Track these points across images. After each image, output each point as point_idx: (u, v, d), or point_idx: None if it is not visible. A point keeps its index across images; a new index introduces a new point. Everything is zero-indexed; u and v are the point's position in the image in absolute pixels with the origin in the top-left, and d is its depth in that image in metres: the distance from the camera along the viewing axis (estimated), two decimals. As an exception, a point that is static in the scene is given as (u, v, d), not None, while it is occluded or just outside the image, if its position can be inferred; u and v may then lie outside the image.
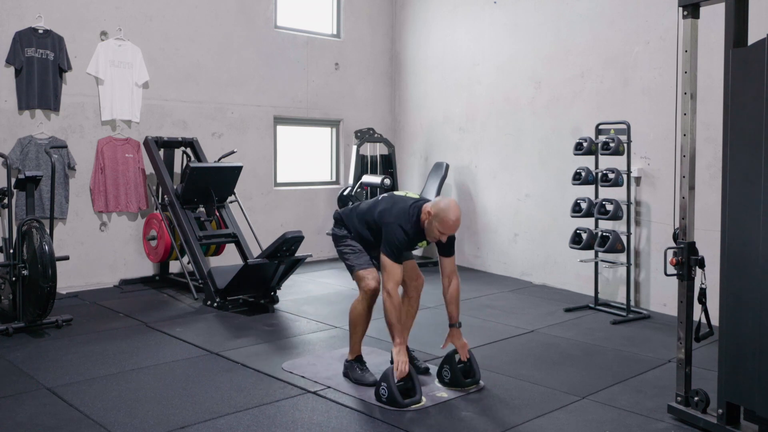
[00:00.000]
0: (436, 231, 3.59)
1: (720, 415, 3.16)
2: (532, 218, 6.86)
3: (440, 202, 3.59)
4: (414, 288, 4.02)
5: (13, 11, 5.85)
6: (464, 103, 7.62)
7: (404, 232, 3.62)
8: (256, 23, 7.34)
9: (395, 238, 3.61)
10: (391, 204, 3.74)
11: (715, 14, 3.52)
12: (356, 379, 3.83)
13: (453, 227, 3.60)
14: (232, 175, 6.30)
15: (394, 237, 3.61)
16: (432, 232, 3.61)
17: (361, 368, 3.87)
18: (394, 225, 3.62)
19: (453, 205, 3.58)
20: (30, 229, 4.73)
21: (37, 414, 3.38)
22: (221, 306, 5.54)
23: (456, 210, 3.57)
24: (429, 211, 3.59)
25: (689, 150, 3.37)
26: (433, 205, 3.60)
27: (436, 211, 3.56)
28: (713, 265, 3.37)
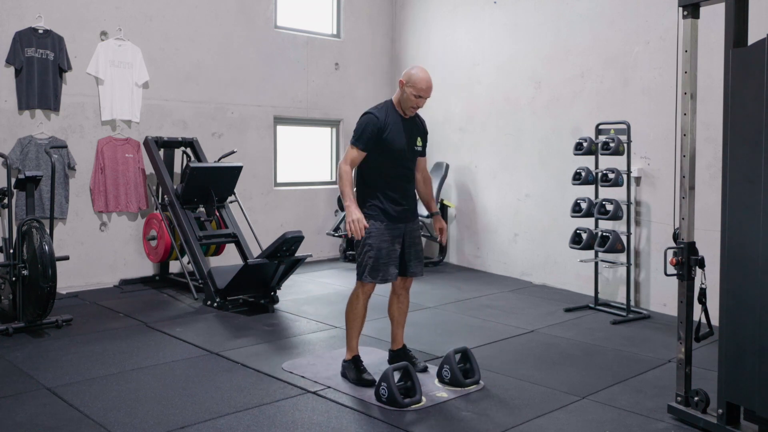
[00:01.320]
0: (412, 97, 3.73)
1: (720, 415, 3.16)
2: (532, 218, 6.86)
3: (409, 70, 3.76)
4: (402, 286, 4.02)
5: (13, 11, 5.85)
6: (464, 103, 7.62)
7: (373, 115, 3.75)
8: (256, 23, 7.34)
9: (361, 123, 3.76)
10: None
11: (715, 14, 3.52)
12: (354, 379, 3.83)
13: (427, 88, 3.73)
14: (232, 175, 6.30)
15: (360, 121, 3.78)
16: (408, 101, 3.75)
17: (359, 368, 3.87)
18: (364, 114, 3.79)
19: (421, 68, 3.76)
20: (30, 229, 4.73)
21: (37, 414, 3.38)
22: (221, 306, 5.54)
23: (425, 71, 3.74)
24: (401, 81, 3.75)
25: (689, 150, 3.37)
26: (404, 74, 3.76)
27: (407, 77, 3.72)
28: (713, 265, 3.37)
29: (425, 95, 3.75)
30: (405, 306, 4.07)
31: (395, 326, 4.05)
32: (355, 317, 3.86)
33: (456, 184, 7.74)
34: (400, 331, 4.07)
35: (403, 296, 4.05)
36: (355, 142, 3.75)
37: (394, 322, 4.05)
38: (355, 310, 3.85)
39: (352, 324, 3.88)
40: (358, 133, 3.75)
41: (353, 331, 3.88)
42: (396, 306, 4.04)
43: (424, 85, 3.71)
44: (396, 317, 4.05)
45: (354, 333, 3.89)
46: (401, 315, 4.06)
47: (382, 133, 3.73)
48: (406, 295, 4.06)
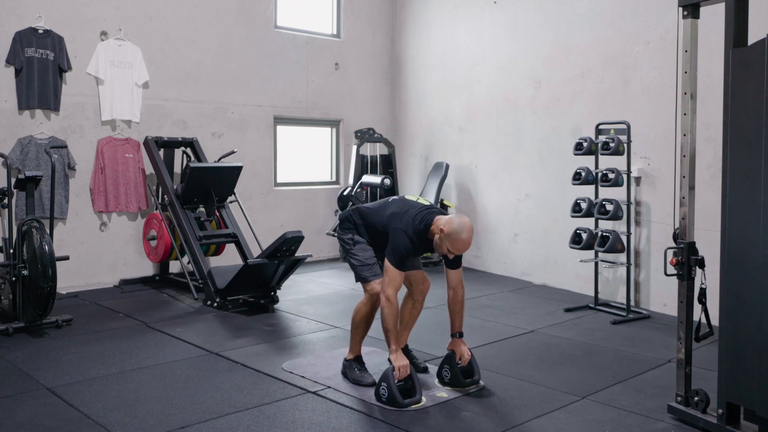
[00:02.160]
0: (446, 248, 3.56)
1: (720, 415, 3.16)
2: (532, 218, 6.86)
3: (454, 222, 3.53)
4: (420, 291, 4.01)
5: (13, 11, 5.85)
6: (464, 103, 7.62)
7: (410, 240, 3.60)
8: (256, 23, 7.34)
9: (401, 245, 3.59)
10: (402, 209, 3.70)
11: (715, 14, 3.52)
12: (354, 379, 3.83)
13: (464, 249, 3.58)
14: (232, 175, 6.30)
15: (399, 244, 3.59)
16: (441, 248, 3.58)
17: (359, 368, 3.88)
18: (401, 232, 3.60)
19: (467, 227, 3.52)
20: (30, 229, 4.73)
21: (37, 414, 3.38)
22: (221, 306, 5.54)
23: (469, 232, 3.52)
24: (442, 229, 3.53)
25: (689, 150, 3.37)
26: (447, 223, 3.54)
27: (449, 230, 3.50)
28: (713, 265, 3.37)
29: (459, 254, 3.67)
30: (417, 311, 4.06)
31: (403, 328, 4.03)
32: (360, 320, 3.86)
33: (456, 184, 7.74)
34: (406, 333, 4.06)
35: (418, 302, 4.03)
36: (398, 266, 3.60)
37: (403, 323, 4.02)
38: (360, 312, 3.86)
39: (356, 326, 3.89)
40: (400, 258, 3.60)
41: (357, 333, 3.90)
42: (409, 310, 4.02)
43: (461, 246, 3.54)
44: (406, 320, 4.03)
45: (358, 338, 3.90)
46: (412, 319, 4.06)
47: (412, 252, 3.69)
48: (422, 302, 4.05)
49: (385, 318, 3.60)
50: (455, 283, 3.83)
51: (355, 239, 3.87)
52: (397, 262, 3.59)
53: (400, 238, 3.60)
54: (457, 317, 3.86)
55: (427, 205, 3.74)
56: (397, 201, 3.81)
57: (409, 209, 3.68)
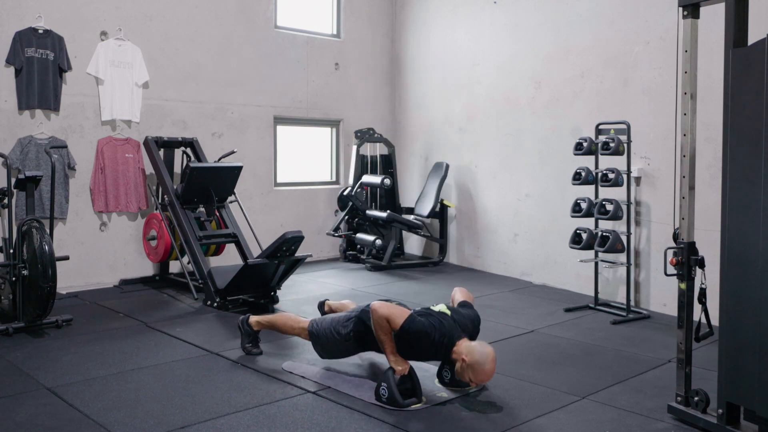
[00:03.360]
0: (467, 377, 3.51)
1: (720, 415, 3.16)
2: (532, 218, 6.86)
3: (476, 352, 3.48)
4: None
5: (13, 11, 5.85)
6: (464, 103, 7.62)
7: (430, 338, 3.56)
8: (256, 23, 7.34)
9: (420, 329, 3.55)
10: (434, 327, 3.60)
11: (715, 14, 3.52)
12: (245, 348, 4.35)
13: (487, 379, 3.56)
14: (232, 175, 6.30)
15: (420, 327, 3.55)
16: (463, 376, 3.53)
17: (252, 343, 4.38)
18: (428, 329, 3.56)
19: (490, 358, 3.47)
20: (30, 229, 4.73)
21: (37, 414, 3.38)
22: (221, 306, 5.54)
23: (492, 363, 3.48)
24: (464, 358, 3.49)
25: (689, 150, 3.37)
26: (469, 352, 3.48)
27: (472, 361, 3.46)
28: (713, 265, 3.37)
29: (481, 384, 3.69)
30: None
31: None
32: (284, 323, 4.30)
33: (456, 184, 7.74)
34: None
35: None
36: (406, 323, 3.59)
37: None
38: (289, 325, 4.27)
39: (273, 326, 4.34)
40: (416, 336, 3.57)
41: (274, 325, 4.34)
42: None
43: (484, 379, 3.53)
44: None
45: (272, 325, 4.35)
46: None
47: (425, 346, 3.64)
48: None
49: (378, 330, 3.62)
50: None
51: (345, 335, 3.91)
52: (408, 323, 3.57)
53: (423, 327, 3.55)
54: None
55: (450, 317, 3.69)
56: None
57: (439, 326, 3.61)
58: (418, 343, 3.56)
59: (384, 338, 3.62)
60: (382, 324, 3.59)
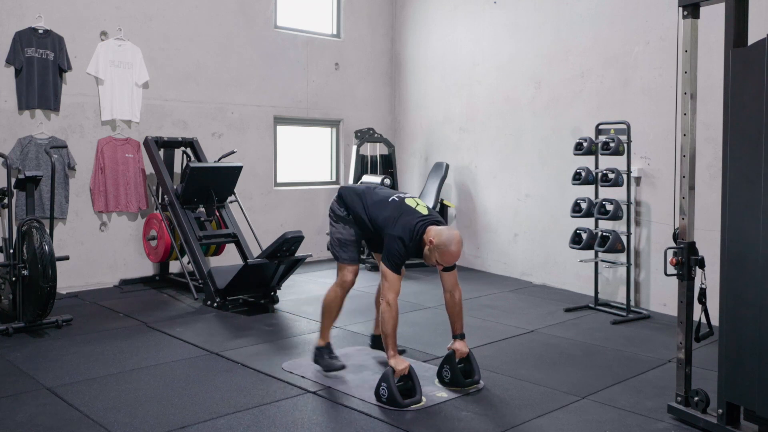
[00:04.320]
0: (435, 260, 3.62)
1: (720, 415, 3.16)
2: (532, 218, 6.86)
3: (443, 234, 3.57)
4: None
5: (13, 11, 5.85)
6: (464, 103, 7.62)
7: (405, 247, 3.64)
8: (256, 23, 7.34)
9: (397, 251, 3.63)
10: (399, 214, 3.70)
11: (715, 14, 3.52)
12: (326, 366, 3.93)
13: (451, 261, 3.65)
14: (232, 175, 6.30)
15: (395, 250, 3.63)
16: (430, 259, 3.64)
17: (330, 355, 3.98)
18: (397, 239, 3.63)
19: (455, 240, 3.56)
20: (30, 229, 4.73)
21: (37, 414, 3.38)
22: (221, 306, 5.54)
23: (458, 243, 3.57)
24: (431, 240, 3.58)
25: (689, 150, 3.37)
26: (436, 235, 3.58)
27: (438, 242, 3.56)
28: (713, 265, 3.37)
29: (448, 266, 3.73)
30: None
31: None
32: (331, 306, 3.99)
33: (456, 184, 7.74)
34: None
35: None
36: (396, 270, 3.64)
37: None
38: (331, 299, 3.97)
39: (326, 314, 4.01)
40: (397, 264, 3.64)
41: (327, 321, 4.01)
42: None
43: (449, 259, 3.61)
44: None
45: (328, 323, 4.01)
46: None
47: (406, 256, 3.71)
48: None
49: (385, 322, 3.63)
50: (451, 285, 3.85)
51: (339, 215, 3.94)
52: (396, 267, 3.64)
53: (396, 245, 3.63)
54: (457, 320, 3.88)
55: (426, 214, 3.73)
56: (396, 204, 3.77)
57: (406, 215, 3.69)
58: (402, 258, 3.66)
59: (389, 332, 3.62)
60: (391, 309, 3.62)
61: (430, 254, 3.62)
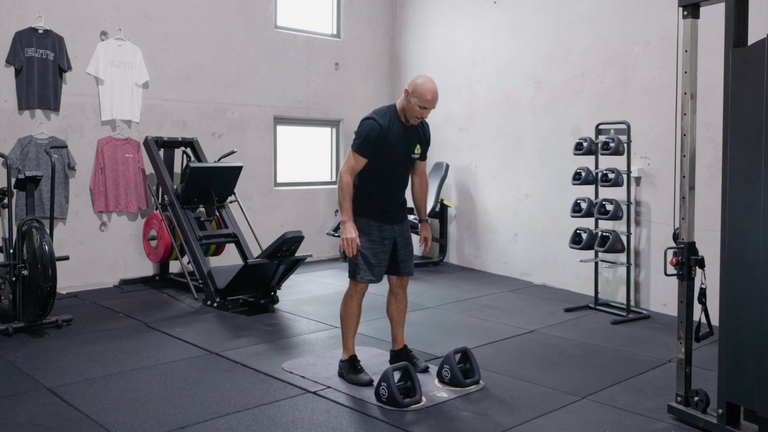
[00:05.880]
0: (417, 107, 3.69)
1: (720, 415, 3.16)
2: (532, 218, 6.86)
3: (416, 79, 3.69)
4: (399, 285, 4.02)
5: (13, 11, 5.85)
6: (464, 103, 7.62)
7: (375, 122, 3.70)
8: (256, 23, 7.34)
9: (363, 130, 3.72)
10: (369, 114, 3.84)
11: (715, 14, 3.52)
12: (351, 379, 3.82)
13: (432, 99, 3.68)
14: (232, 175, 6.30)
15: (363, 128, 3.72)
16: (413, 111, 3.70)
17: (356, 368, 3.86)
18: (367, 119, 3.73)
19: (428, 78, 3.69)
20: (30, 229, 4.73)
21: (37, 414, 3.38)
22: (221, 306, 5.54)
23: (432, 82, 3.68)
24: (406, 90, 3.70)
25: (689, 150, 3.37)
26: (410, 83, 3.69)
27: (413, 87, 3.66)
28: (713, 265, 3.37)
29: (430, 107, 3.71)
30: (403, 305, 4.07)
31: (395, 326, 4.05)
32: (350, 317, 3.87)
33: (456, 184, 7.74)
34: (400, 331, 4.07)
35: (401, 295, 4.04)
36: (357, 149, 3.71)
37: (393, 322, 4.05)
38: (349, 309, 3.87)
39: (347, 324, 3.88)
40: (360, 140, 3.70)
41: (349, 330, 3.89)
42: (394, 306, 4.04)
43: (429, 96, 3.65)
44: (395, 317, 4.05)
45: (350, 333, 3.89)
46: (400, 315, 4.06)
47: (383, 140, 3.70)
48: (404, 295, 4.06)
49: (343, 195, 3.71)
50: (420, 171, 4.02)
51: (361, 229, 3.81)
52: (358, 145, 3.72)
53: (363, 125, 3.73)
54: (422, 204, 4.08)
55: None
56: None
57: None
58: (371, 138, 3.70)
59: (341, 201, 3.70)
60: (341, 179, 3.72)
61: (410, 106, 3.69)
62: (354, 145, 3.74)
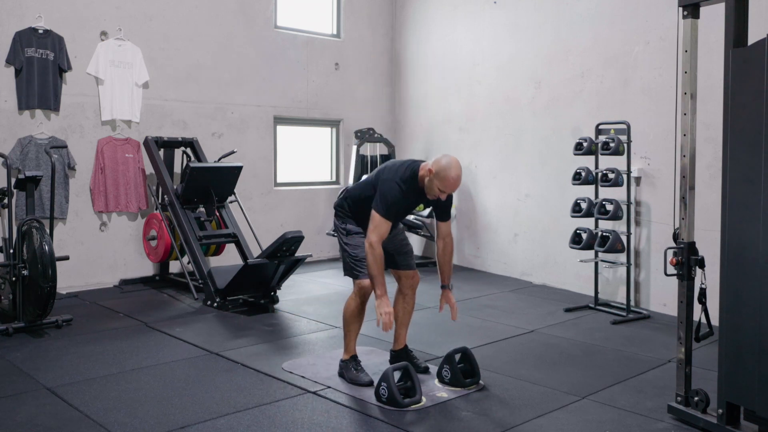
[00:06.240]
0: (437, 189, 3.60)
1: (720, 415, 3.16)
2: (532, 218, 6.86)
3: (441, 160, 3.57)
4: (409, 286, 4.03)
5: (13, 11, 5.85)
6: (464, 103, 7.62)
7: (399, 188, 3.64)
8: (256, 23, 7.34)
9: (389, 192, 3.63)
10: (390, 165, 3.78)
11: (715, 14, 3.52)
12: (351, 379, 3.82)
13: (454, 185, 3.60)
14: (232, 175, 6.30)
15: (387, 191, 3.63)
16: (432, 190, 3.62)
17: (356, 368, 3.86)
18: (390, 181, 3.65)
19: (455, 163, 3.56)
20: (30, 229, 4.73)
21: (37, 414, 3.38)
22: (221, 306, 5.54)
23: (457, 168, 3.56)
24: (430, 169, 3.57)
25: (689, 150, 3.37)
26: (434, 162, 3.58)
27: (437, 168, 3.54)
28: (713, 265, 3.37)
29: (450, 192, 3.69)
30: (410, 306, 4.06)
31: (399, 326, 4.04)
32: (352, 317, 3.85)
33: (456, 184, 7.73)
34: (403, 332, 4.06)
35: (409, 296, 4.04)
36: (385, 215, 3.62)
37: (398, 321, 4.04)
38: (351, 310, 3.84)
39: (349, 324, 3.87)
40: (387, 205, 3.62)
41: (351, 331, 3.88)
42: (401, 306, 4.03)
43: (451, 183, 3.57)
44: (400, 317, 4.04)
45: (352, 333, 3.88)
46: (405, 315, 4.05)
47: (402, 203, 3.70)
48: (412, 296, 4.05)
49: (370, 265, 3.62)
50: (445, 233, 3.91)
51: (349, 229, 3.86)
52: (384, 210, 3.62)
53: (389, 186, 3.64)
54: (446, 269, 3.93)
55: (415, 160, 3.80)
56: (386, 164, 3.85)
57: (396, 163, 3.77)
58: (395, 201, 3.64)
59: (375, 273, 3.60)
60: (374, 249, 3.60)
61: (431, 185, 3.60)
62: (380, 210, 3.62)
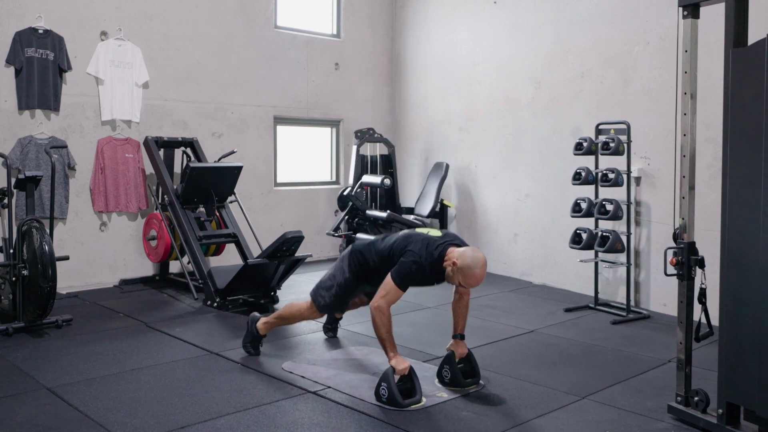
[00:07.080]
0: (458, 281, 3.59)
1: (720, 415, 3.16)
2: (532, 218, 6.86)
3: (467, 256, 3.52)
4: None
5: (13, 11, 5.85)
6: (464, 103, 7.62)
7: (423, 268, 3.59)
8: (256, 23, 7.34)
9: (410, 269, 3.59)
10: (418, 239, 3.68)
11: (715, 14, 3.52)
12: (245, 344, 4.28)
13: (476, 283, 3.57)
14: (232, 175, 6.30)
15: (409, 268, 3.59)
16: (453, 280, 3.60)
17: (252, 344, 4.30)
18: (415, 256, 3.59)
19: (481, 262, 3.52)
20: (30, 229, 4.73)
21: (37, 414, 3.38)
22: (221, 306, 5.54)
23: (483, 266, 3.52)
24: (454, 262, 3.53)
25: (689, 150, 3.37)
26: (460, 256, 3.53)
27: (462, 264, 3.51)
28: (713, 265, 3.37)
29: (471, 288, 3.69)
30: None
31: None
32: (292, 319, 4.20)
33: (456, 184, 7.74)
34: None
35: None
36: (401, 285, 3.60)
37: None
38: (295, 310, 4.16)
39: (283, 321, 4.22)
40: (405, 280, 3.60)
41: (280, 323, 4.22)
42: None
43: (474, 283, 3.56)
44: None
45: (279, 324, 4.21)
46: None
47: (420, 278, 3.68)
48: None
49: (378, 327, 3.59)
50: (463, 290, 3.88)
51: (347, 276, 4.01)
52: (401, 282, 3.60)
53: (411, 263, 3.59)
54: (460, 320, 3.91)
55: (442, 235, 3.72)
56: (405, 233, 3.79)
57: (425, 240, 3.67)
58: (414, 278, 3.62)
59: (385, 336, 3.60)
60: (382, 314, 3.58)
61: (453, 275, 3.57)
62: (397, 281, 3.59)
